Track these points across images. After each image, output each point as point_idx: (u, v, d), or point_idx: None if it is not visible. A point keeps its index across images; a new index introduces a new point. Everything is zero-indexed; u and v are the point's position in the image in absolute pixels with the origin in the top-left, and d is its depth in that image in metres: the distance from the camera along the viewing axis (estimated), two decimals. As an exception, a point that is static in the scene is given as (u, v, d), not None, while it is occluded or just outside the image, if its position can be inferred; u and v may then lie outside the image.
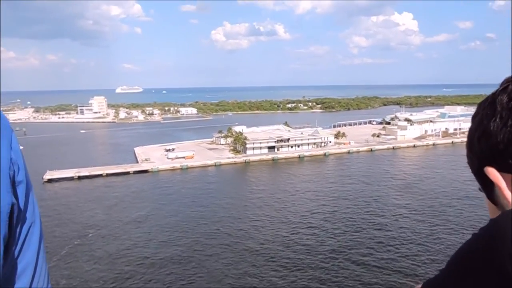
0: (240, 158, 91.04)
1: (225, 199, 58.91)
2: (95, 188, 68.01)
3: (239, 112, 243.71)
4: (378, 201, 56.74)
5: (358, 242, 41.48)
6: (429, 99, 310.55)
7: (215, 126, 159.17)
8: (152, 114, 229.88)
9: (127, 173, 78.46)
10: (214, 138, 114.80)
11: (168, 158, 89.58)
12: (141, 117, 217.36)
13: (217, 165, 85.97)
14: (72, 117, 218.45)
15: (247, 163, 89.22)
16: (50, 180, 73.16)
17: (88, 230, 46.78)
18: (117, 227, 47.73)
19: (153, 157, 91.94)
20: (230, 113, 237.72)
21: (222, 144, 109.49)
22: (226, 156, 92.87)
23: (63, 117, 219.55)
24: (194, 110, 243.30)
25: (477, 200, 57.34)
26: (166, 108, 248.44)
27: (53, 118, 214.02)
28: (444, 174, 73.51)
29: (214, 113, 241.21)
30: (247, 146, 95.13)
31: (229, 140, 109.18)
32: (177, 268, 36.45)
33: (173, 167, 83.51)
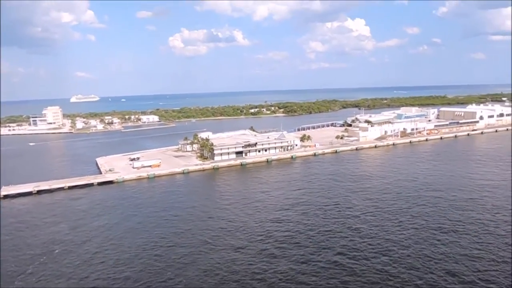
0: (208, 165, 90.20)
1: (196, 206, 58.07)
2: (57, 202, 64.46)
3: (203, 118, 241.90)
4: (346, 199, 58.41)
5: (329, 237, 42.44)
6: (385, 101, 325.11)
7: (179, 133, 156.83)
8: (111, 123, 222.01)
9: (91, 184, 75.12)
10: (180, 145, 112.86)
11: (133, 167, 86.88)
12: (100, 127, 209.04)
13: (185, 173, 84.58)
14: (24, 129, 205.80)
15: (215, 169, 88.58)
16: (6, 196, 68.35)
17: (54, 246, 44.22)
18: (85, 241, 45.49)
19: (118, 167, 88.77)
20: (193, 120, 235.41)
21: (189, 151, 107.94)
22: (194, 163, 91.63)
23: (14, 129, 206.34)
24: (156, 118, 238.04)
25: (440, 192, 60.83)
26: (127, 117, 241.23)
27: (3, 131, 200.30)
28: (405, 171, 77.09)
29: (177, 120, 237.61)
30: (215, 152, 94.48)
31: (196, 146, 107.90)
32: (153, 278, 35.35)
33: (140, 176, 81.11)
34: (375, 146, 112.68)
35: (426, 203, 55.74)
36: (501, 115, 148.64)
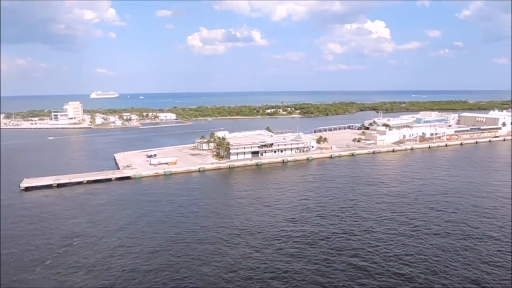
0: (224, 164, 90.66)
1: (212, 205, 58.49)
2: (76, 195, 65.96)
3: (219, 117, 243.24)
4: (362, 204, 57.81)
5: (346, 243, 42.10)
6: (403, 105, 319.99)
7: (195, 131, 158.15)
8: (130, 119, 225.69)
9: (109, 180, 76.55)
10: (196, 144, 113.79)
11: (150, 164, 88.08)
12: (118, 123, 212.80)
13: (201, 171, 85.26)
14: (46, 123, 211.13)
15: (231, 168, 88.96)
16: (27, 188, 70.36)
17: (73, 239, 45.28)
18: (103, 235, 46.42)
19: (135, 163, 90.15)
20: (210, 119, 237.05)
21: (205, 150, 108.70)
22: (210, 162, 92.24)
23: (35, 123, 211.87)
24: (173, 116, 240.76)
25: (458, 199, 59.54)
26: (144, 114, 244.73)
27: (25, 124, 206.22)
28: (423, 176, 75.70)
29: (194, 118, 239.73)
30: (231, 151, 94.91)
31: (212, 145, 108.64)
32: (167, 274, 35.81)
33: (156, 173, 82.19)
34: (393, 150, 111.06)
35: (443, 209, 54.67)
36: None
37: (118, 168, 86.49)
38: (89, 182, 74.87)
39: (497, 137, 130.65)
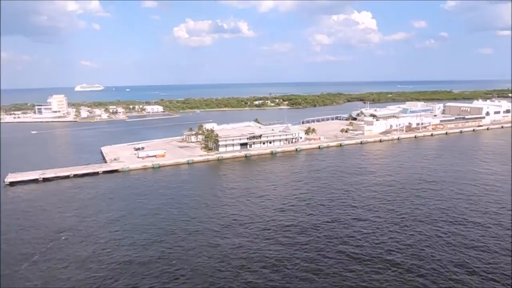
0: (213, 156, 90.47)
1: (202, 196, 58.45)
2: (63, 190, 65.05)
3: (207, 110, 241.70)
4: (350, 193, 58.54)
5: (335, 231, 42.69)
6: (390, 95, 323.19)
7: (183, 123, 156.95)
8: (116, 112, 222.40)
9: (96, 173, 75.63)
10: (184, 136, 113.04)
11: (138, 157, 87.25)
12: (104, 116, 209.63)
13: (190, 163, 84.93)
14: (29, 117, 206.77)
15: (220, 160, 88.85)
16: (12, 183, 69.03)
17: (61, 233, 44.78)
18: (93, 229, 46.02)
19: (122, 156, 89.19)
20: (198, 111, 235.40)
21: (193, 142, 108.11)
22: (198, 154, 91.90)
23: (19, 117, 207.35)
24: (160, 108, 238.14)
25: (444, 186, 60.81)
26: (131, 106, 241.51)
27: (8, 118, 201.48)
28: (410, 165, 77.00)
29: (181, 111, 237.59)
30: (220, 143, 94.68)
31: (200, 137, 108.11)
32: (159, 267, 35.81)
33: (145, 166, 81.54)
34: (380, 140, 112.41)
35: (430, 197, 55.78)
36: (508, 111, 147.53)
37: (105, 162, 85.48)
38: (76, 176, 73.84)
39: (481, 126, 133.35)
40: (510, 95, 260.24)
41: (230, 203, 54.97)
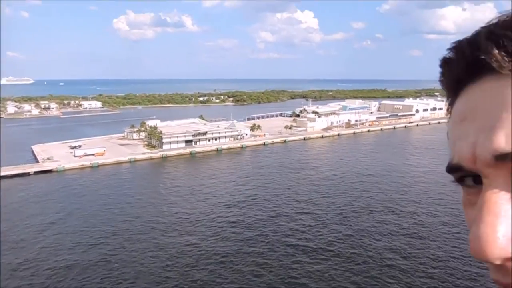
0: (156, 153, 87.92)
1: (146, 195, 56.71)
2: (-12, 193, 59.23)
3: (149, 106, 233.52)
4: (295, 188, 60.49)
5: (281, 224, 43.92)
6: (331, 93, 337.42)
7: (124, 120, 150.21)
8: (48, 108, 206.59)
9: (27, 174, 69.84)
10: (125, 133, 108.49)
11: (75, 156, 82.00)
12: (35, 112, 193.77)
13: (132, 162, 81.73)
14: None
15: (164, 158, 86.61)
16: None
17: (-14, 241, 40.83)
18: (24, 235, 42.57)
19: (57, 155, 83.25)
20: (139, 107, 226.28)
21: (135, 139, 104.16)
22: (141, 152, 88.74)
23: None
24: (99, 104, 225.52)
25: (379, 179, 65.34)
26: (66, 102, 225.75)
27: None
28: (349, 159, 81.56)
29: (122, 107, 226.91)
30: (164, 140, 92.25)
31: (143, 134, 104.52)
32: (101, 272, 34.20)
33: (82, 165, 76.92)
34: (322, 137, 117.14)
35: (368, 189, 59.47)
36: (434, 108, 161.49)
37: (37, 161, 79.31)
38: (2, 177, 67.61)
39: (411, 122, 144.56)
40: (437, 94, 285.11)
41: (176, 201, 53.98)
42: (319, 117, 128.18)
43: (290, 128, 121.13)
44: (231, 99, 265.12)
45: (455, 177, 0.54)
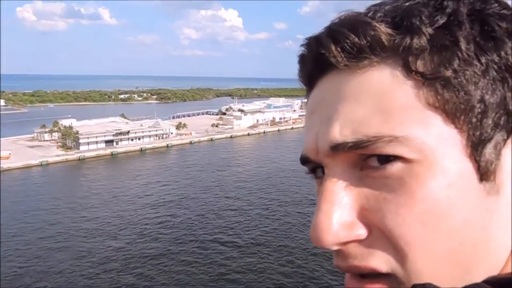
0: (72, 155, 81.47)
1: (63, 200, 52.36)
2: None
3: (63, 104, 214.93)
4: (221, 184, 61.08)
5: (209, 222, 44.06)
6: (255, 91, 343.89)
7: (33, 119, 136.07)
8: None
9: None
10: (35, 134, 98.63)
11: (-27, 160, 72.30)
12: None
13: (43, 165, 74.61)
14: None
15: (81, 160, 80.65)
16: None
17: None
18: None
19: (-51, 160, 72.40)
20: (51, 105, 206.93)
21: (47, 140, 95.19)
22: (54, 154, 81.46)
23: None
24: (2, 102, 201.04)
25: (301, 173, 68.22)
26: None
27: None
28: (275, 156, 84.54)
29: (30, 105, 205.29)
30: (81, 141, 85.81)
31: (56, 135, 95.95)
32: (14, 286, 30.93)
33: (-18, 171, 68.12)
34: (248, 134, 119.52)
35: (291, 183, 62.34)
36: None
37: None
38: None
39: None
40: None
41: (97, 204, 50.82)
42: (245, 115, 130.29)
43: (216, 126, 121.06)
44: (155, 97, 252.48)
45: (308, 169, 0.58)
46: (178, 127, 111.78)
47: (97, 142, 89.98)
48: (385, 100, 0.42)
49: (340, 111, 0.45)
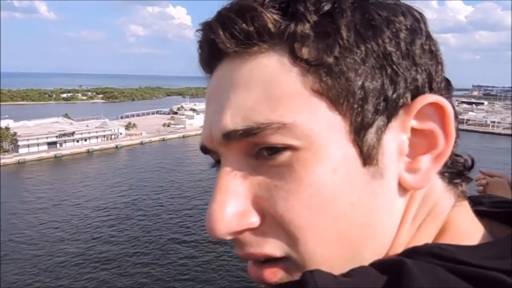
0: (10, 158, 75.78)
1: (2, 205, 48.56)
2: None
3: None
4: (175, 185, 60.27)
5: (162, 225, 43.38)
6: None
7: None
8: None
9: None
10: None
11: None
12: None
13: (-23, 170, 68.47)
14: None
15: (21, 163, 75.24)
16: None
17: None
18: None
19: None
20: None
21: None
22: (-11, 158, 75.08)
23: None
24: None
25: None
26: None
27: None
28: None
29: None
30: (20, 143, 79.98)
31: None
32: None
33: None
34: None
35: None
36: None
37: None
38: None
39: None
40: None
41: (42, 209, 47.83)
42: (197, 114, 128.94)
43: (168, 126, 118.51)
44: (101, 95, 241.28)
45: (213, 159, 0.58)
46: (127, 127, 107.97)
47: (38, 144, 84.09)
48: (274, 87, 0.42)
49: (232, 99, 0.45)
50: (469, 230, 0.45)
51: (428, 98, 0.43)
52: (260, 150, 0.44)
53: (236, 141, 0.45)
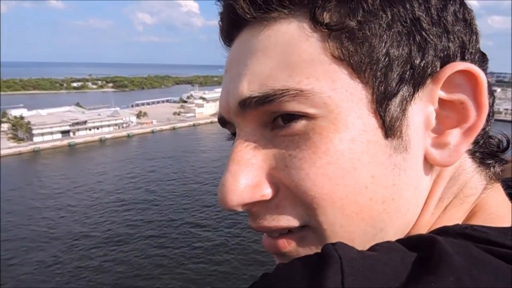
0: (26, 147, 77.16)
1: (19, 196, 49.88)
2: None
3: (9, 92, 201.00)
4: (187, 173, 60.96)
5: (178, 211, 44.14)
6: (216, 79, 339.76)
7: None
8: None
9: None
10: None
11: None
12: None
13: (-5, 158, 70.10)
14: None
15: (36, 151, 76.64)
16: None
17: None
18: None
19: None
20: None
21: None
22: (6, 146, 76.68)
23: None
24: None
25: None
26: None
27: None
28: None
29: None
30: (34, 132, 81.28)
31: (6, 126, 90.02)
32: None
33: None
34: (211, 122, 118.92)
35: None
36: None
37: None
38: None
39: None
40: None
41: (57, 197, 48.94)
42: (207, 102, 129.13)
43: (178, 114, 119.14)
44: (111, 84, 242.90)
45: (230, 132, 0.58)
46: (138, 115, 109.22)
47: (52, 133, 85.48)
48: (292, 54, 0.40)
49: (249, 66, 0.44)
50: (502, 214, 0.42)
51: (459, 65, 0.40)
52: (276, 119, 0.43)
53: (252, 109, 0.43)
